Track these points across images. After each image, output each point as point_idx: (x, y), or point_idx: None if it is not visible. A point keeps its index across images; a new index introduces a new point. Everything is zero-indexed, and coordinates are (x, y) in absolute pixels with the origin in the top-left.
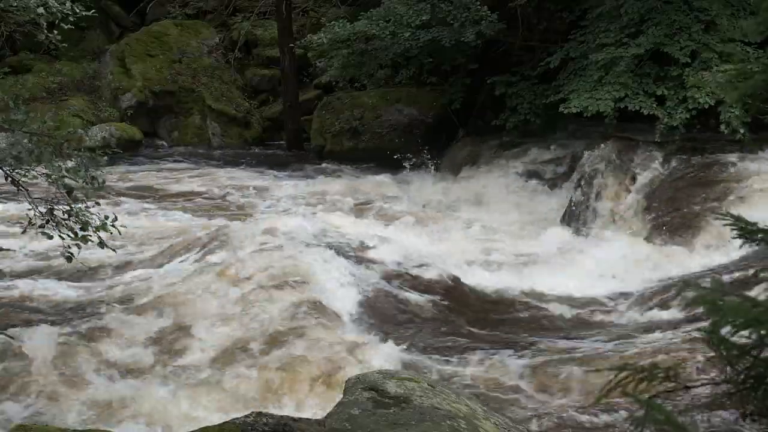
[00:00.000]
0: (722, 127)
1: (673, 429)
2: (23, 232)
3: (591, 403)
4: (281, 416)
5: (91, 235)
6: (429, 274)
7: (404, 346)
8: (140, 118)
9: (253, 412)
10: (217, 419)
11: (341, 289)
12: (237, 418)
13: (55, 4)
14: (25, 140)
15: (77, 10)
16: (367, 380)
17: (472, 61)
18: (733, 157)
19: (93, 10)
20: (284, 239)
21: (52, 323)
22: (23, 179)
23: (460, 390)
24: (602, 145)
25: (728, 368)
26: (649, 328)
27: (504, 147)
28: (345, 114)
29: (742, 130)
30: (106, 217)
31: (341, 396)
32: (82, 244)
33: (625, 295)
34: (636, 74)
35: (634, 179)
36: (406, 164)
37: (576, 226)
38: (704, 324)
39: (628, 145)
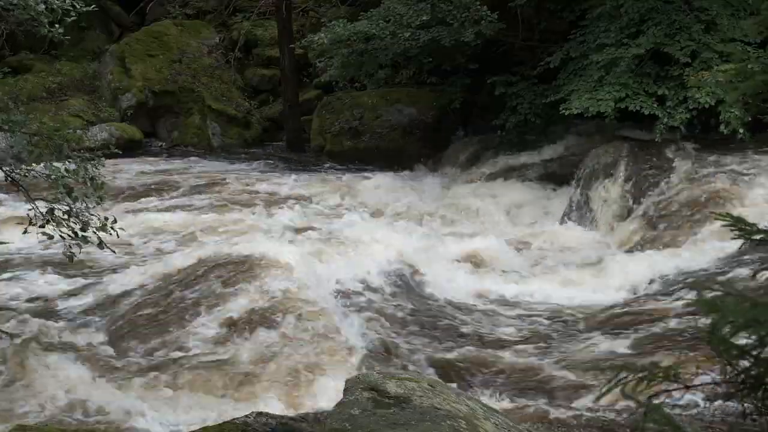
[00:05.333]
0: (722, 127)
1: (672, 429)
2: (24, 232)
3: (591, 402)
4: (281, 416)
5: (90, 236)
6: (419, 274)
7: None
8: (140, 118)
9: (253, 412)
10: None
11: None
12: (237, 418)
13: (56, 0)
14: (25, 141)
15: (77, 6)
16: (367, 380)
17: (472, 61)
18: (732, 157)
19: (93, 5)
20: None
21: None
22: (23, 179)
23: (460, 390)
24: (602, 145)
25: (728, 368)
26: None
27: (504, 147)
28: (345, 114)
29: (741, 130)
30: (106, 219)
31: (341, 396)
32: (82, 244)
33: (624, 294)
34: (636, 74)
35: (633, 179)
36: (406, 165)
37: (575, 226)
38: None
39: (628, 145)
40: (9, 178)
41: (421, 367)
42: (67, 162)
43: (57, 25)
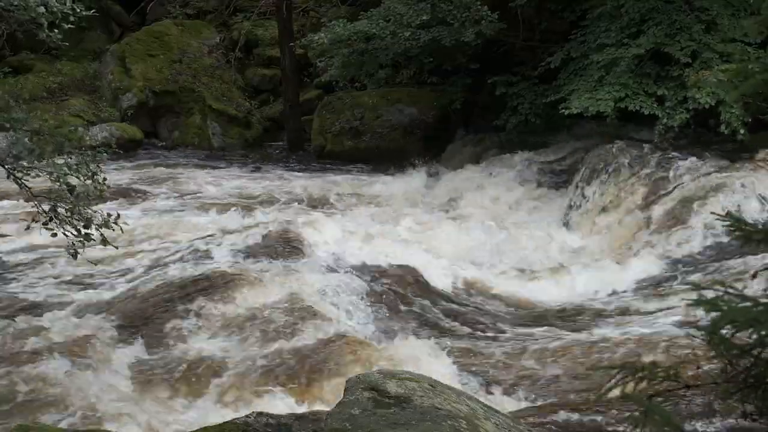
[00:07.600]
0: (722, 127)
1: (671, 429)
2: (27, 229)
3: (592, 402)
4: (281, 416)
5: (93, 234)
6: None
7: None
8: (141, 118)
9: (253, 412)
10: None
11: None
12: (237, 418)
13: (56, 3)
14: (26, 138)
15: (77, 9)
16: (368, 380)
17: (472, 61)
18: (733, 157)
19: (93, 10)
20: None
21: None
22: (25, 177)
23: (461, 390)
24: (602, 145)
25: (728, 368)
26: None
27: (504, 147)
28: (345, 114)
29: (742, 131)
30: (109, 215)
31: (341, 396)
32: (85, 242)
33: (625, 294)
34: (636, 74)
35: (634, 179)
36: (407, 164)
37: (576, 227)
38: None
39: (628, 145)
40: (11, 176)
41: None
42: (68, 159)
43: (56, 30)
